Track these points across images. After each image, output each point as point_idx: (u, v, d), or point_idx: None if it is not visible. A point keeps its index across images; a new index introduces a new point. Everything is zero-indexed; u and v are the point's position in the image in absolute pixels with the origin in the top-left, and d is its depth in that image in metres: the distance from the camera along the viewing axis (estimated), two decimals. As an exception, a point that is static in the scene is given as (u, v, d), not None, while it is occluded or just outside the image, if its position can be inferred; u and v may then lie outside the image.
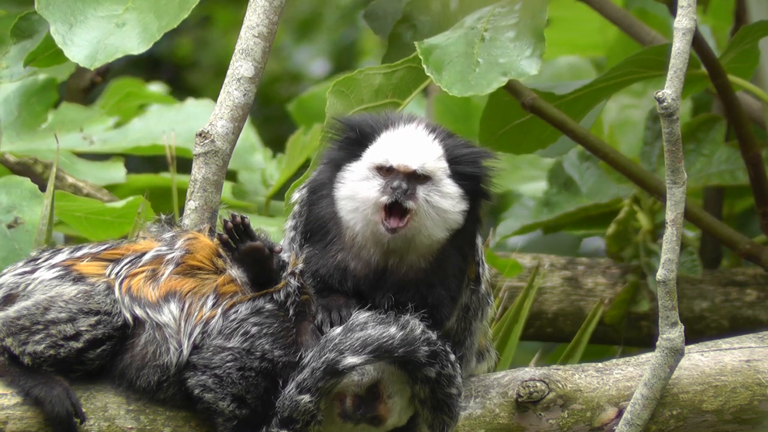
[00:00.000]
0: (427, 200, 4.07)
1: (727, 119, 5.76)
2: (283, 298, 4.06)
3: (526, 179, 6.61)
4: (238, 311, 4.03)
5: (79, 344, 3.99)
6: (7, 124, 5.81)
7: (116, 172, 6.01)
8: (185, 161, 5.50)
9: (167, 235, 4.17)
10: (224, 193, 4.55)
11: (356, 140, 4.13)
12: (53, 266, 4.10)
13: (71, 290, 4.03)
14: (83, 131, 6.01)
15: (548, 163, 6.11)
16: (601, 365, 4.32)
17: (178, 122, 6.12)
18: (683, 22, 4.19)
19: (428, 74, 4.65)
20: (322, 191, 4.18)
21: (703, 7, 6.02)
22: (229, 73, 4.50)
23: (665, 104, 4.11)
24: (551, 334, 5.89)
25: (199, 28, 10.69)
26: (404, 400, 4.04)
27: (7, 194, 4.80)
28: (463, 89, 4.62)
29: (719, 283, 5.85)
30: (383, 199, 4.06)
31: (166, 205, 5.42)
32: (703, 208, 5.79)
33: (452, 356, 4.03)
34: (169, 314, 4.02)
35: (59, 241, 5.57)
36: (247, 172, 6.36)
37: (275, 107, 9.87)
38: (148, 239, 4.18)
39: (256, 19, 4.54)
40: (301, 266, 4.12)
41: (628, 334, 5.84)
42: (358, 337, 3.97)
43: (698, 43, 4.88)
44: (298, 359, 3.99)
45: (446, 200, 4.09)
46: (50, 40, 4.65)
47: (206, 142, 4.39)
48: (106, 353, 4.02)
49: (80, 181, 5.77)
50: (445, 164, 4.09)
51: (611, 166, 5.18)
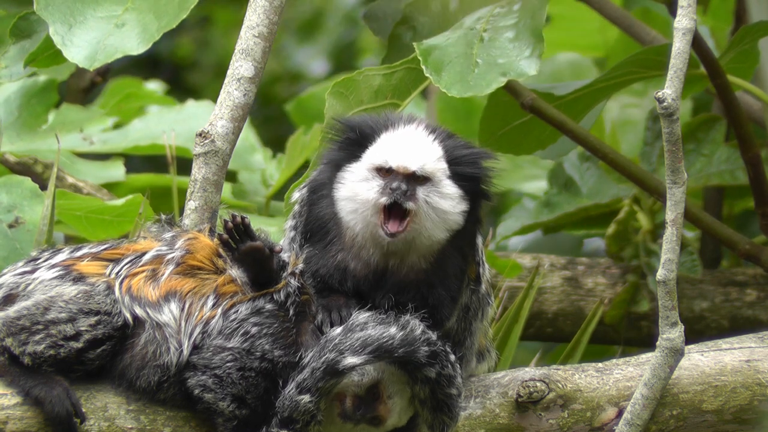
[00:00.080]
0: (426, 201, 4.07)
1: (726, 119, 5.75)
2: (283, 298, 4.05)
3: (526, 178, 6.60)
4: (238, 311, 4.03)
5: (79, 344, 3.99)
6: (7, 124, 5.80)
7: (115, 170, 6.01)
8: (185, 161, 5.50)
9: (167, 235, 4.17)
10: (224, 193, 4.54)
11: (356, 141, 4.13)
12: (53, 266, 4.09)
13: (71, 290, 4.03)
14: (83, 132, 6.01)
15: (549, 162, 6.11)
16: (601, 365, 4.32)
17: (178, 123, 6.12)
18: (683, 22, 4.19)
19: (427, 75, 4.64)
20: (322, 191, 4.17)
21: (703, 7, 6.02)
22: (229, 73, 4.50)
23: (665, 104, 4.10)
24: (551, 334, 5.89)
25: (199, 28, 10.69)
26: (404, 400, 4.04)
27: (7, 194, 4.80)
28: (462, 90, 4.62)
29: (719, 283, 5.85)
30: (382, 200, 4.06)
31: (166, 205, 5.42)
32: (703, 208, 5.79)
33: (452, 356, 4.03)
34: (169, 314, 4.02)
35: (59, 240, 5.57)
36: (247, 172, 6.36)
37: (275, 107, 9.86)
38: (148, 239, 4.18)
39: (256, 19, 4.54)
40: (301, 266, 4.12)
41: (628, 334, 5.84)
42: (358, 337, 3.97)
43: (698, 43, 4.87)
44: (298, 359, 3.99)
45: (446, 201, 4.09)
46: (50, 40, 4.64)
47: (206, 142, 4.39)
48: (106, 353, 4.02)
49: (80, 181, 5.77)
50: (444, 165, 4.09)
51: (611, 166, 5.18)
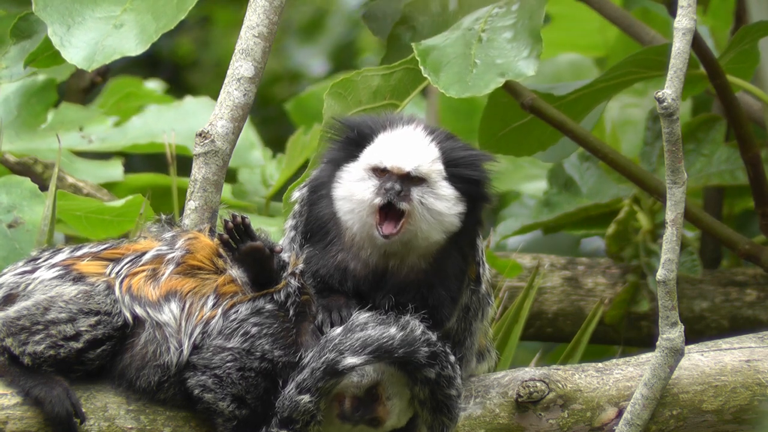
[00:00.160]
0: (421, 202, 4.06)
1: (726, 119, 5.75)
2: (283, 298, 4.05)
3: (527, 178, 6.60)
4: (238, 311, 4.03)
5: (79, 344, 3.99)
6: (6, 123, 5.80)
7: (114, 169, 6.01)
8: (185, 159, 5.50)
9: (168, 234, 4.16)
10: (224, 193, 4.54)
11: (355, 141, 4.13)
12: (53, 266, 4.09)
13: (71, 290, 4.03)
14: (82, 130, 6.01)
15: (548, 162, 6.11)
16: (601, 365, 4.32)
17: (176, 120, 6.12)
18: (683, 22, 4.19)
19: (426, 75, 4.64)
20: (322, 191, 4.17)
21: (703, 7, 6.01)
22: (229, 73, 4.50)
23: (665, 104, 4.10)
24: (551, 334, 5.89)
25: (199, 27, 10.68)
26: (403, 401, 4.03)
27: (7, 194, 4.79)
28: (460, 90, 4.62)
29: (719, 283, 5.85)
30: (377, 200, 4.05)
31: (166, 205, 5.42)
32: (703, 208, 5.78)
33: (452, 357, 4.03)
34: (169, 313, 4.01)
35: (59, 241, 5.57)
36: (246, 170, 6.35)
37: (275, 107, 9.86)
38: (148, 239, 4.18)
39: (256, 19, 4.54)
40: (301, 266, 4.12)
41: (628, 334, 5.84)
42: (358, 337, 3.97)
43: (697, 43, 4.87)
44: (298, 359, 3.99)
45: (441, 202, 4.08)
46: (50, 40, 4.64)
47: (206, 142, 4.39)
48: (106, 353, 4.01)
49: (80, 181, 5.77)
50: (440, 166, 4.08)
51: (611, 166, 5.18)
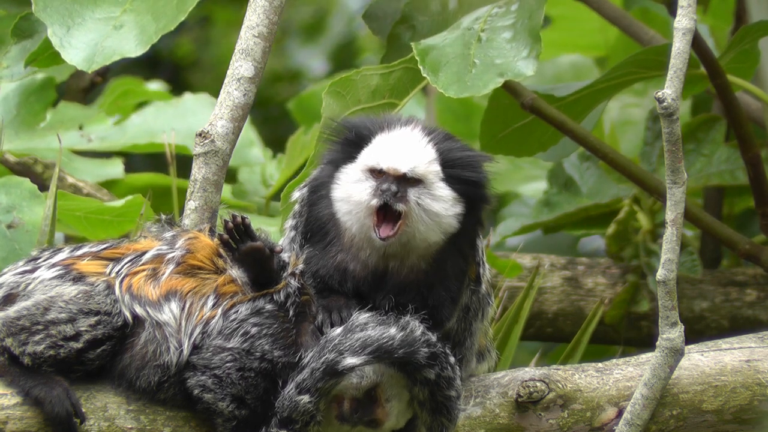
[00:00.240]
0: (418, 203, 4.05)
1: (726, 119, 5.75)
2: (283, 298, 4.05)
3: (526, 179, 6.60)
4: (238, 311, 4.03)
5: (78, 345, 3.99)
6: (6, 122, 5.80)
7: (114, 168, 6.01)
8: (184, 158, 5.50)
9: (168, 234, 4.16)
10: (224, 193, 4.54)
11: (353, 142, 4.12)
12: (53, 265, 4.09)
13: (71, 290, 4.03)
14: (82, 129, 6.01)
15: (549, 162, 6.11)
16: (601, 365, 4.32)
17: (175, 118, 6.11)
18: (683, 22, 4.19)
19: (425, 75, 4.64)
20: (321, 191, 4.17)
21: (703, 7, 6.01)
22: (229, 73, 4.50)
23: (665, 104, 4.10)
24: (551, 334, 5.89)
25: (199, 27, 10.68)
26: (402, 403, 4.03)
27: (6, 194, 4.79)
28: (459, 90, 4.61)
29: (719, 283, 5.85)
30: (374, 202, 4.05)
31: (166, 205, 5.42)
32: (703, 208, 5.78)
33: (452, 358, 4.03)
34: (169, 313, 4.01)
35: (59, 241, 5.57)
36: (246, 169, 6.35)
37: (275, 107, 9.86)
38: (148, 239, 4.18)
39: (256, 19, 4.53)
40: (301, 267, 4.12)
41: (628, 334, 5.84)
42: (357, 337, 3.97)
43: (698, 43, 4.87)
44: (297, 360, 3.98)
45: (438, 203, 4.07)
46: (50, 40, 4.64)
47: (206, 142, 4.39)
48: (105, 353, 4.01)
49: (80, 180, 5.77)
50: (437, 168, 4.07)
51: (611, 166, 5.18)
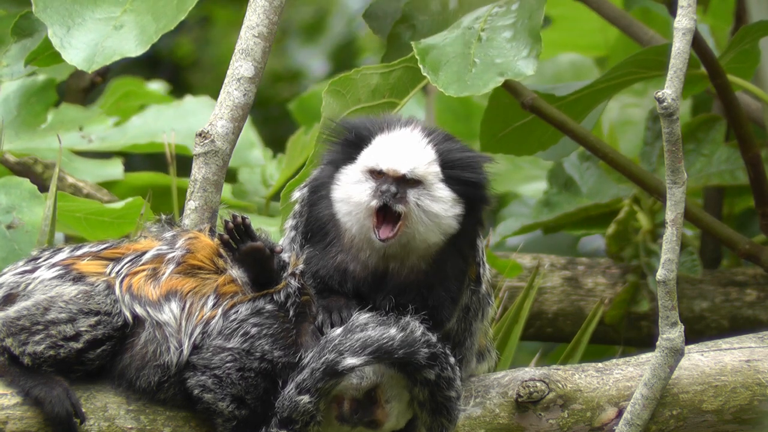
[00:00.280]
0: (418, 204, 4.05)
1: (727, 119, 5.75)
2: (283, 298, 4.05)
3: (526, 179, 6.60)
4: (238, 312, 4.03)
5: (78, 345, 3.99)
6: (6, 123, 5.80)
7: (114, 168, 6.01)
8: (185, 159, 5.50)
9: (168, 234, 4.16)
10: (224, 193, 4.54)
11: (353, 142, 4.12)
12: (53, 265, 4.09)
13: (71, 290, 4.03)
14: (82, 130, 6.01)
15: (549, 163, 6.11)
16: (601, 365, 4.32)
17: (176, 119, 6.12)
18: (683, 22, 4.19)
19: (425, 74, 4.64)
20: (321, 191, 4.17)
21: (703, 7, 6.01)
22: (229, 73, 4.50)
23: (665, 104, 4.10)
24: (551, 334, 5.89)
25: (199, 27, 10.68)
26: (402, 404, 4.03)
27: (6, 195, 4.79)
28: (459, 89, 4.61)
29: (719, 283, 5.85)
30: (373, 203, 4.04)
31: (166, 205, 5.42)
32: (703, 208, 5.78)
33: (452, 359, 4.03)
34: (169, 313, 4.01)
35: (59, 241, 5.57)
36: (246, 169, 6.35)
37: (275, 107, 9.86)
38: (148, 238, 4.17)
39: (256, 19, 4.53)
40: (301, 267, 4.12)
41: (628, 334, 5.84)
42: (358, 338, 3.96)
43: (698, 43, 4.87)
44: (297, 360, 3.98)
45: (438, 204, 4.07)
46: (50, 39, 4.64)
47: (206, 142, 4.39)
48: (106, 353, 4.01)
49: (80, 181, 5.77)
50: (437, 168, 4.07)
51: (611, 166, 5.18)
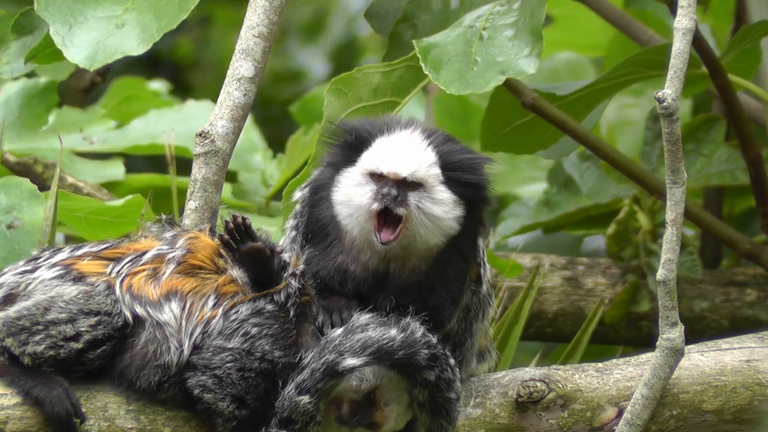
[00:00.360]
0: (418, 207, 4.04)
1: (727, 119, 5.75)
2: (283, 299, 4.05)
3: (525, 180, 6.60)
4: (238, 312, 4.03)
5: (79, 345, 3.99)
6: (7, 124, 5.81)
7: (115, 169, 6.02)
8: (185, 161, 5.50)
9: (168, 234, 4.16)
10: (224, 193, 4.54)
11: (353, 145, 4.12)
12: (54, 265, 4.09)
13: (71, 290, 4.03)
14: (83, 131, 6.02)
15: (548, 163, 6.11)
16: (601, 365, 4.32)
17: (177, 122, 6.12)
18: (683, 22, 4.19)
19: (426, 73, 4.64)
20: (322, 192, 4.17)
21: (703, 7, 6.01)
22: (229, 73, 4.50)
23: (665, 104, 4.10)
24: (551, 334, 5.89)
25: (199, 27, 10.68)
26: (401, 406, 4.03)
27: (6, 195, 4.79)
28: (460, 87, 4.62)
29: (719, 283, 5.85)
30: (374, 206, 4.04)
31: (166, 205, 5.42)
32: (703, 208, 5.78)
33: (452, 360, 4.02)
34: (170, 313, 4.01)
35: (60, 241, 5.57)
36: (247, 172, 6.35)
37: (276, 107, 9.86)
38: (148, 238, 4.17)
39: (256, 19, 4.54)
40: (302, 267, 4.12)
41: (628, 334, 5.84)
42: (358, 338, 3.96)
43: (698, 42, 4.88)
44: (298, 360, 3.98)
45: (439, 207, 4.07)
46: (51, 37, 4.64)
47: (206, 142, 4.39)
48: (106, 354, 4.01)
49: (80, 181, 5.77)
50: (437, 171, 4.06)
51: (612, 165, 5.18)
